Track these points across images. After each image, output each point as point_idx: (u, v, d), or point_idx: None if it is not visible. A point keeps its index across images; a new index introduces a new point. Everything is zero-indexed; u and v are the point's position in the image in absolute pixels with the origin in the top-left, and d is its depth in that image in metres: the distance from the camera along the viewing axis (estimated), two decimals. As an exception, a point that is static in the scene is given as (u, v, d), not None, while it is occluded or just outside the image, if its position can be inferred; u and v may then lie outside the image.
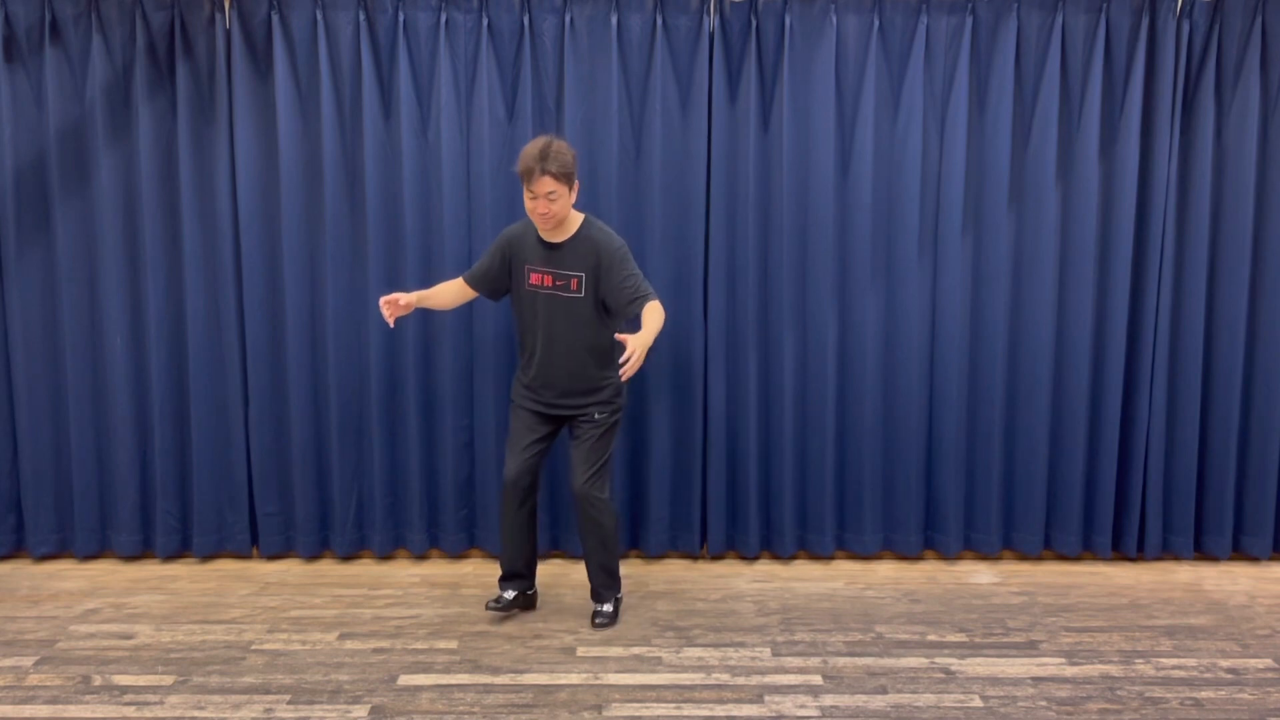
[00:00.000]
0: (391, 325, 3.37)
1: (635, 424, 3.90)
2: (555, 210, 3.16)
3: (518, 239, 3.33)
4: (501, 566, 3.48)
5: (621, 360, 3.02)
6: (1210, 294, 3.89)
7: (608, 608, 3.42)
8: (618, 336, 3.09)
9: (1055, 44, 3.73)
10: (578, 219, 3.28)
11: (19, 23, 3.69)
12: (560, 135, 3.76)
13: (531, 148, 3.13)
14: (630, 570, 3.89)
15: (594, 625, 3.39)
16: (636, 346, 3.01)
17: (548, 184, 3.11)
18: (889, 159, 3.81)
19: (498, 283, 3.40)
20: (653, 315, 3.18)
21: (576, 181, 3.21)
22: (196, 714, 2.81)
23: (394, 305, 3.28)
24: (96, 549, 3.99)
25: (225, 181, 3.77)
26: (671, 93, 3.76)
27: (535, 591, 3.54)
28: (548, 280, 3.26)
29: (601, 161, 3.78)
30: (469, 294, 3.47)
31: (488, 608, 3.41)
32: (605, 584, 3.43)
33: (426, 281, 3.82)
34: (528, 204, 3.18)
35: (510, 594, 3.44)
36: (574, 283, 3.24)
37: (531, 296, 3.30)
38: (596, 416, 3.33)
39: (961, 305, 3.86)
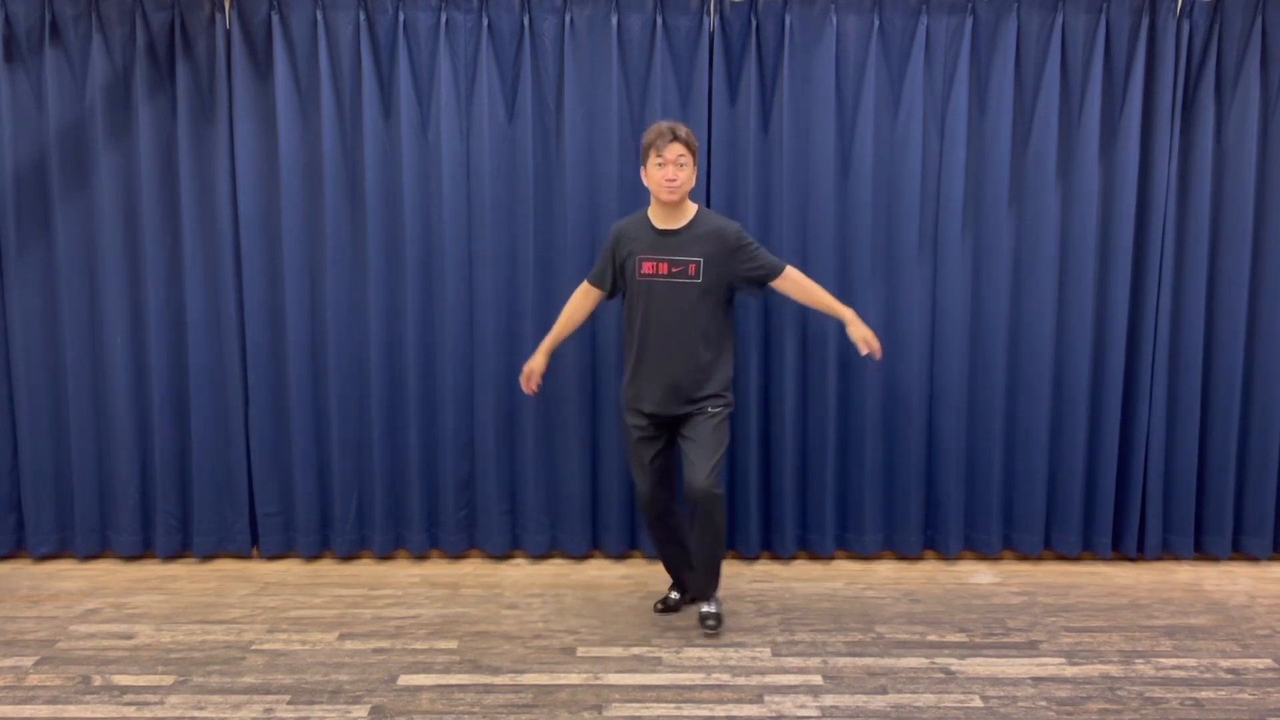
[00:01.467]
0: (534, 390, 3.49)
1: (635, 424, 3.89)
2: (683, 179, 3.14)
3: (626, 231, 3.29)
4: (668, 572, 3.54)
5: (865, 351, 3.31)
6: (1210, 294, 3.89)
7: (713, 608, 3.35)
8: (855, 339, 3.31)
9: (1055, 44, 3.73)
10: (692, 208, 3.26)
11: (19, 23, 3.70)
12: (560, 135, 3.77)
13: (656, 124, 3.17)
14: (630, 570, 3.90)
15: (705, 628, 3.31)
16: (857, 330, 3.32)
17: (678, 149, 3.12)
18: (889, 159, 3.81)
19: (614, 280, 3.36)
20: (804, 282, 3.36)
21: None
22: (196, 714, 2.81)
23: (535, 377, 3.45)
24: (96, 549, 3.99)
25: (225, 181, 3.77)
26: (671, 93, 3.76)
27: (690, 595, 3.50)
28: (662, 268, 3.20)
29: (601, 161, 3.78)
30: (593, 294, 3.42)
31: (655, 609, 3.49)
32: (712, 583, 3.37)
33: (427, 281, 3.83)
34: (654, 174, 3.15)
35: (675, 595, 3.51)
36: (691, 268, 3.19)
37: (644, 287, 3.22)
38: (710, 410, 3.25)
39: (961, 305, 3.86)
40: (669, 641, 3.28)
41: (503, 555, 4.03)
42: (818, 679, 3.02)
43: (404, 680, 3.00)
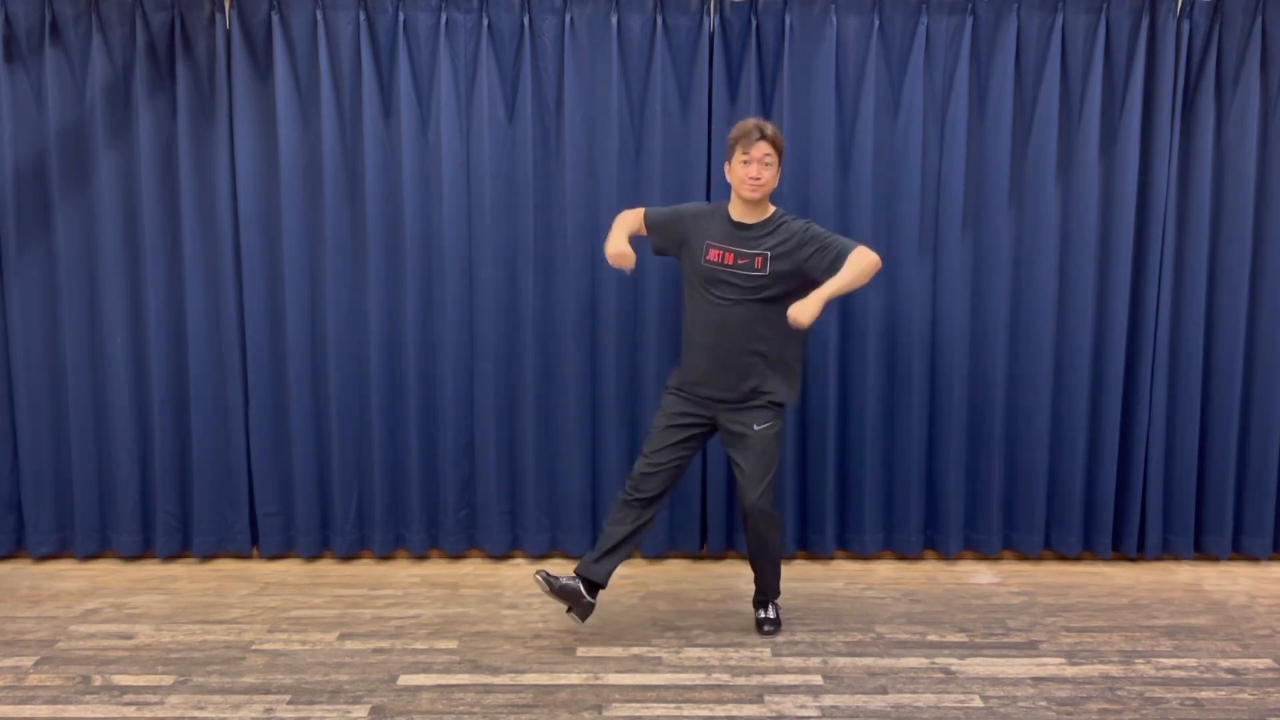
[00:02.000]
0: (632, 266, 3.25)
1: (635, 424, 3.89)
2: (767, 178, 3.10)
3: (705, 214, 3.26)
4: (583, 560, 3.23)
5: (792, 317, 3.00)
6: (1210, 294, 3.89)
7: (771, 613, 3.35)
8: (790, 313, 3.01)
9: (1055, 44, 3.73)
10: (771, 208, 3.21)
11: (19, 23, 3.69)
12: (560, 135, 3.77)
13: (743, 122, 3.13)
14: (630, 570, 3.89)
15: (762, 633, 3.32)
16: (814, 295, 3.01)
17: (764, 148, 3.08)
18: (889, 159, 3.81)
19: (666, 238, 3.29)
20: (857, 259, 3.07)
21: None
22: (196, 714, 2.81)
23: (625, 254, 3.21)
24: (96, 549, 3.99)
25: (225, 182, 3.77)
26: (671, 93, 3.76)
27: (593, 597, 3.23)
28: (728, 258, 3.15)
29: (601, 161, 3.78)
30: (640, 230, 3.33)
31: (537, 577, 3.17)
32: (773, 588, 3.35)
33: (427, 281, 3.83)
34: (739, 171, 3.10)
35: (569, 579, 3.18)
36: (758, 261, 3.14)
37: (709, 273, 3.17)
38: (756, 428, 3.18)
39: (961, 305, 3.86)
40: (669, 641, 3.28)
41: (503, 555, 4.03)
42: (818, 679, 3.02)
43: (404, 680, 3.00)
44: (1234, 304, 3.86)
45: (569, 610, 3.19)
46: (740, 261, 3.15)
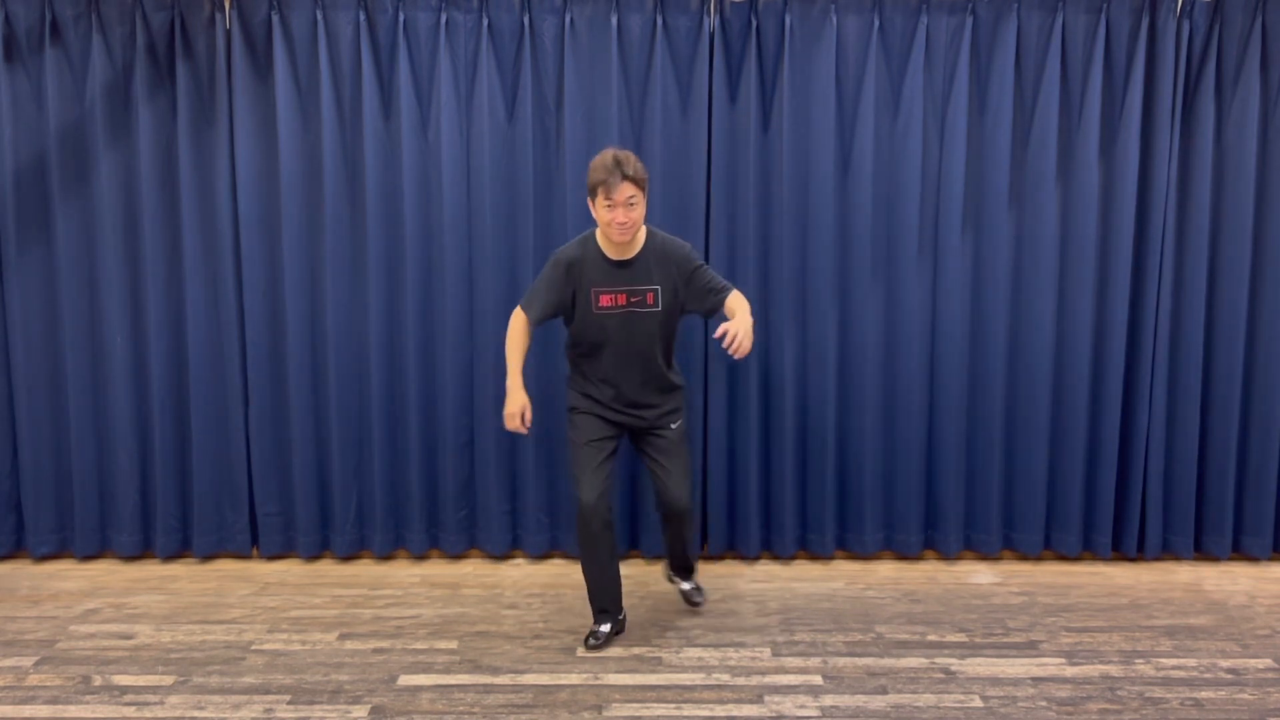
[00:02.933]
0: (527, 430, 3.21)
1: (635, 424, 3.90)
2: (635, 218, 3.00)
3: (578, 263, 3.12)
4: (593, 601, 3.26)
5: (727, 344, 2.94)
6: (1210, 294, 3.89)
7: (607, 628, 3.27)
8: (719, 332, 2.98)
9: (1055, 44, 3.73)
10: (643, 231, 3.15)
11: (19, 23, 3.69)
12: (560, 135, 3.77)
13: (602, 158, 2.98)
14: (630, 570, 3.89)
15: (692, 604, 3.52)
16: (739, 328, 2.96)
17: (628, 189, 2.95)
18: (889, 159, 3.81)
19: (563, 312, 3.20)
20: (743, 303, 3.13)
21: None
22: (196, 714, 2.81)
23: (519, 414, 3.15)
24: (96, 549, 3.99)
25: (225, 182, 3.77)
26: (671, 93, 3.76)
27: (625, 616, 3.35)
28: (620, 300, 3.11)
29: (601, 161, 3.77)
30: (529, 328, 3.20)
31: (588, 646, 3.21)
32: (688, 565, 3.49)
33: (426, 281, 3.83)
34: (604, 216, 2.99)
35: (606, 627, 3.26)
36: (650, 297, 3.12)
37: (601, 319, 3.13)
38: (673, 426, 3.26)
39: (961, 305, 3.86)
40: (669, 641, 3.28)
41: (503, 555, 4.03)
42: (818, 679, 3.02)
43: (404, 680, 3.00)
44: (1234, 304, 3.86)
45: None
46: (634, 300, 3.13)
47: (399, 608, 3.55)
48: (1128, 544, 4.01)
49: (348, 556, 4.01)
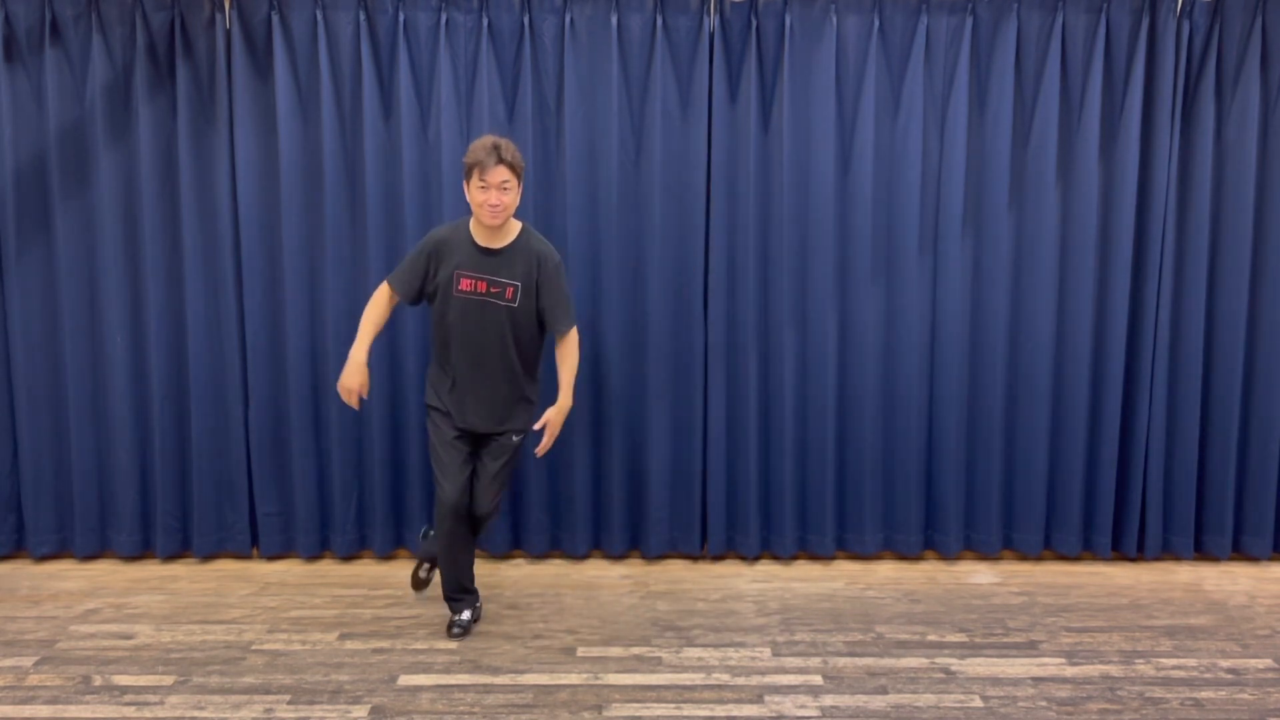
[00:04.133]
0: (359, 405, 3.24)
1: (635, 424, 3.90)
2: (507, 202, 3.05)
3: (446, 241, 3.16)
4: (447, 589, 3.33)
5: (540, 431, 3.18)
6: (1210, 293, 3.89)
7: (467, 615, 3.33)
8: (539, 424, 3.19)
9: (1055, 44, 3.73)
10: (516, 226, 3.18)
11: (19, 23, 3.69)
12: (560, 135, 3.77)
13: (481, 141, 3.04)
14: (630, 570, 3.90)
15: (452, 635, 3.30)
16: (555, 419, 3.20)
17: (502, 173, 3.01)
18: (889, 159, 3.81)
19: (423, 286, 3.20)
20: (570, 355, 3.25)
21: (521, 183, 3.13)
22: (196, 714, 2.81)
23: (364, 390, 3.19)
24: (96, 549, 3.99)
25: (225, 182, 3.77)
26: (671, 93, 3.76)
27: (481, 604, 3.44)
28: (480, 286, 3.12)
29: (601, 162, 3.78)
30: (394, 300, 3.25)
31: (452, 635, 3.28)
32: (466, 592, 3.37)
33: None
34: (477, 196, 3.04)
35: (467, 614, 3.33)
36: (509, 291, 3.13)
37: (460, 304, 3.13)
38: (514, 439, 3.25)
39: (961, 305, 3.86)
40: (669, 641, 3.28)
41: (503, 555, 4.03)
42: (818, 679, 3.02)
43: (404, 680, 3.00)
44: (1234, 304, 3.86)
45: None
46: (493, 290, 3.13)
47: (399, 608, 3.55)
48: (1128, 544, 4.01)
49: (348, 556, 4.01)
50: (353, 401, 3.21)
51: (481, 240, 3.15)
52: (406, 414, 3.89)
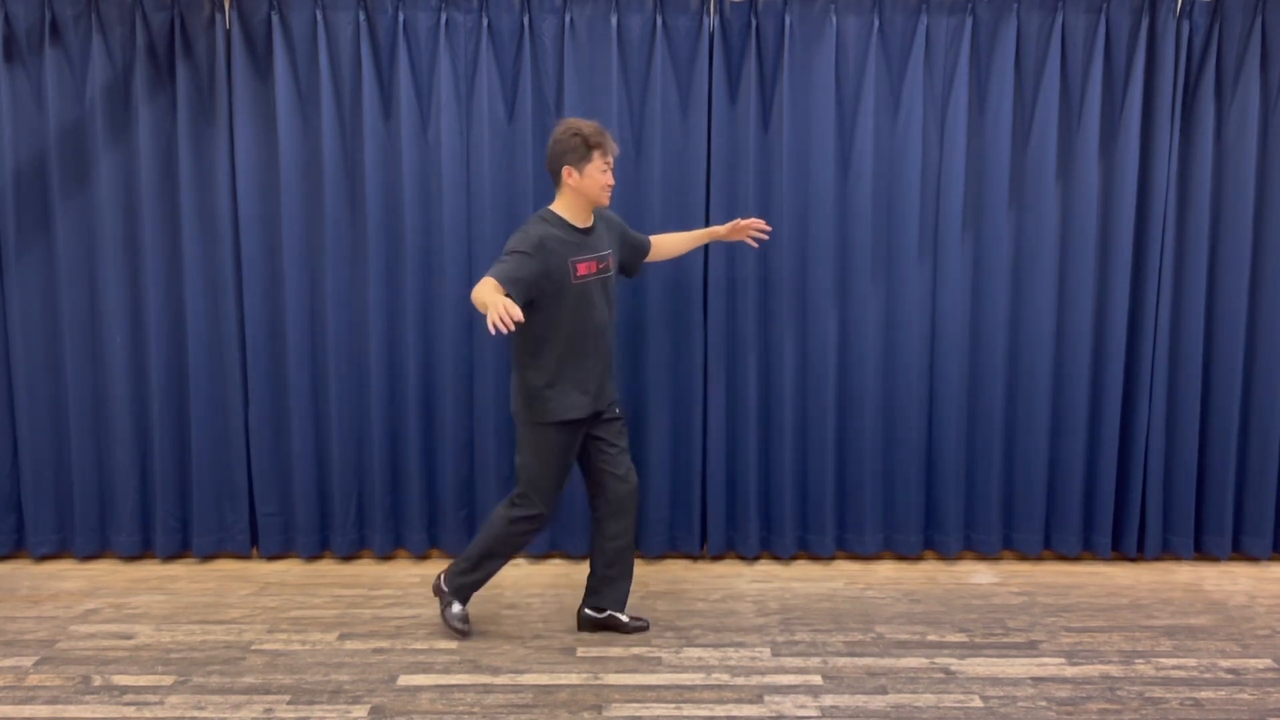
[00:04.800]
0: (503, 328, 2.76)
1: (635, 424, 3.89)
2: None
3: (549, 236, 3.04)
4: (470, 589, 3.29)
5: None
6: (1210, 293, 3.89)
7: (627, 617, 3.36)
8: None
9: (1055, 44, 3.73)
10: None
11: (19, 23, 3.69)
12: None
13: (586, 122, 3.07)
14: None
15: (634, 630, 3.33)
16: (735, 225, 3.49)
17: (614, 152, 3.12)
18: (889, 159, 3.81)
19: (535, 293, 3.01)
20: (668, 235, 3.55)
21: None
22: (196, 714, 2.81)
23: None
24: (96, 549, 3.99)
25: (225, 182, 3.77)
26: (671, 93, 3.76)
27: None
28: (593, 267, 3.13)
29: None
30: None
31: (460, 632, 3.28)
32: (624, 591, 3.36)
33: (427, 281, 3.83)
34: (600, 179, 3.06)
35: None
36: (609, 260, 3.20)
37: (578, 291, 3.08)
38: (617, 409, 3.31)
39: (961, 305, 3.86)
40: (669, 641, 3.28)
41: (503, 555, 4.03)
42: (818, 679, 3.02)
43: (404, 680, 3.00)
44: (1234, 304, 3.86)
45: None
46: (601, 266, 3.17)
47: (399, 608, 3.55)
48: (1128, 544, 4.01)
49: (348, 556, 4.01)
50: (508, 322, 2.68)
51: (580, 223, 3.13)
52: (406, 415, 3.89)
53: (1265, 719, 2.81)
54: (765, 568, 3.95)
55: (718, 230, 3.54)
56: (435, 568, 3.93)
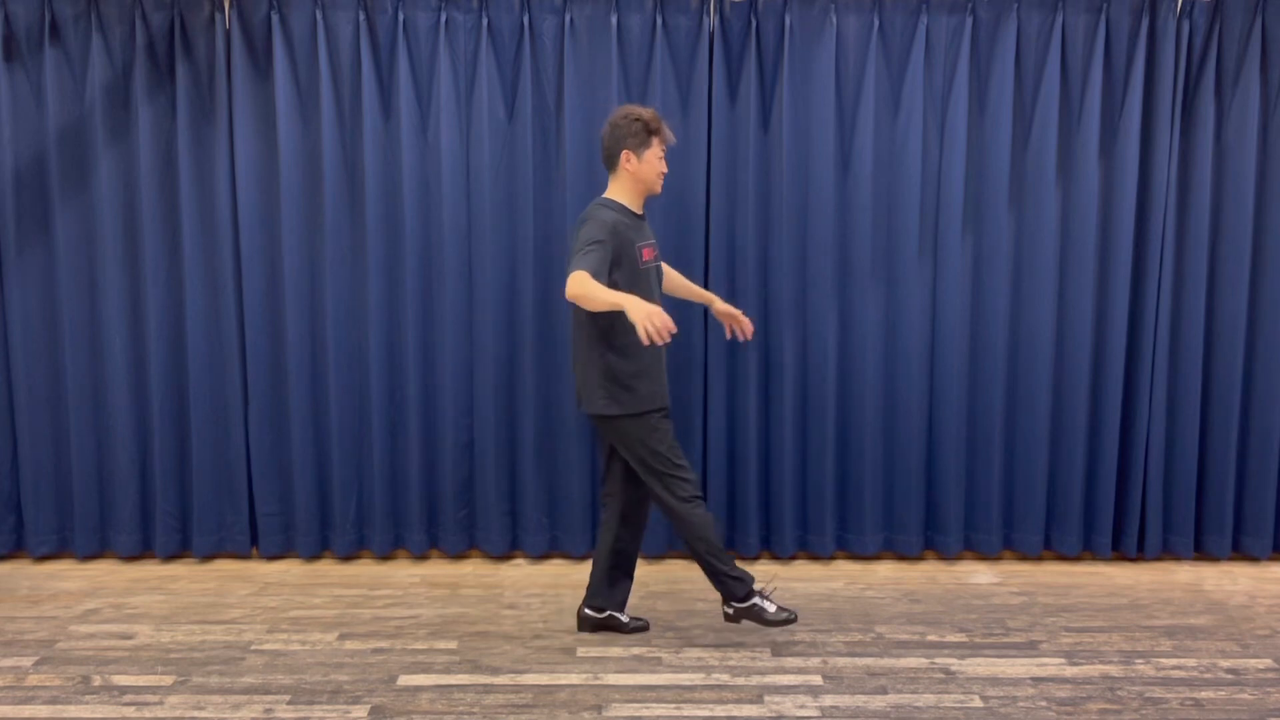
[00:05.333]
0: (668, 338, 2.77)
1: (635, 424, 3.89)
2: None
3: (618, 222, 3.00)
4: (742, 582, 3.18)
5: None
6: (1210, 293, 3.89)
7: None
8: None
9: (1055, 44, 3.73)
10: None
11: (19, 23, 3.70)
12: (560, 135, 3.77)
13: (642, 109, 3.04)
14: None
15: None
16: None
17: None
18: (889, 159, 3.82)
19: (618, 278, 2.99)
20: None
21: None
22: (196, 714, 2.81)
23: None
24: (96, 549, 3.99)
25: (225, 181, 3.77)
26: (671, 93, 3.76)
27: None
28: (653, 253, 3.14)
29: (602, 162, 3.77)
30: None
31: (790, 612, 3.19)
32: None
33: (426, 281, 3.83)
34: (656, 166, 3.07)
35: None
36: (657, 246, 3.21)
37: (645, 275, 3.06)
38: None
39: (961, 305, 3.86)
40: (669, 641, 3.28)
41: (503, 555, 4.03)
42: (818, 679, 3.02)
43: (404, 680, 3.00)
44: (1234, 304, 3.86)
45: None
46: (656, 254, 3.18)
47: (399, 608, 3.55)
48: (1128, 544, 4.01)
49: (347, 556, 4.01)
50: (669, 325, 2.72)
51: (637, 208, 3.13)
52: (406, 414, 3.89)
53: (1265, 719, 2.81)
54: (765, 568, 3.95)
55: (715, 302, 3.50)
56: (435, 568, 3.93)
